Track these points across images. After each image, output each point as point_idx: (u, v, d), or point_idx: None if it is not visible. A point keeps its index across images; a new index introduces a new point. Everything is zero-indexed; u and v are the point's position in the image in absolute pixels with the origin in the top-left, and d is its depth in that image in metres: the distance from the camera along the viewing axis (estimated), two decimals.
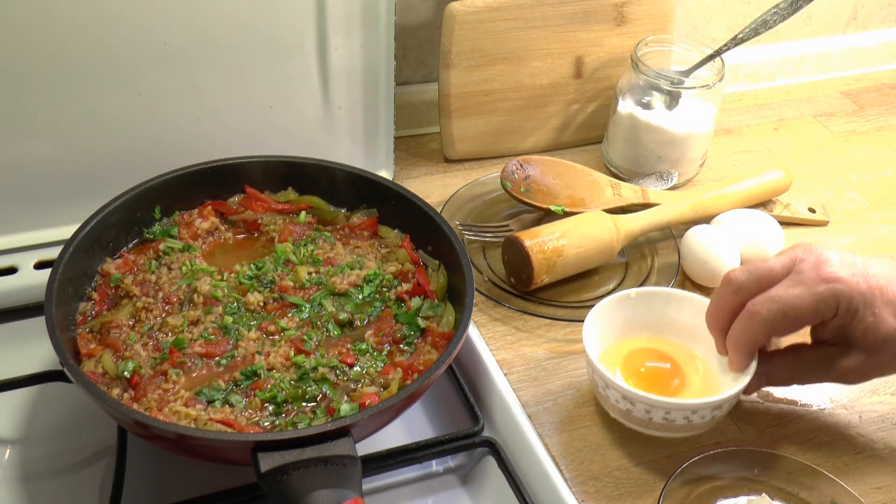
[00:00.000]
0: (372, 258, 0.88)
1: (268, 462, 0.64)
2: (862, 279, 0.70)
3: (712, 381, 0.80)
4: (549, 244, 0.92)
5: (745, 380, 0.76)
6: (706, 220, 1.02)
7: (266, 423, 0.71)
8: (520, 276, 0.93)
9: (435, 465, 0.81)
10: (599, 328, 0.82)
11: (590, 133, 1.19)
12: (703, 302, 0.81)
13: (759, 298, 0.72)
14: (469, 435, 0.79)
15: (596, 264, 0.96)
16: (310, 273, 0.84)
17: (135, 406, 0.71)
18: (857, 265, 0.71)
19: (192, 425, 0.69)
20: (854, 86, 1.40)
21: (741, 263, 0.96)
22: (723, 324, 0.75)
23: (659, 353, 0.83)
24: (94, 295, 0.81)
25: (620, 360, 0.82)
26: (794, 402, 0.86)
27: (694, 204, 1.02)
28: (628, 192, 1.04)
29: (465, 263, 0.82)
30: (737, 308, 0.74)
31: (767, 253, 0.98)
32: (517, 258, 0.93)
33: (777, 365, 0.77)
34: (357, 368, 0.77)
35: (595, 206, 1.01)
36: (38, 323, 0.72)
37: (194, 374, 0.75)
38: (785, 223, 1.05)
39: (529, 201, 1.00)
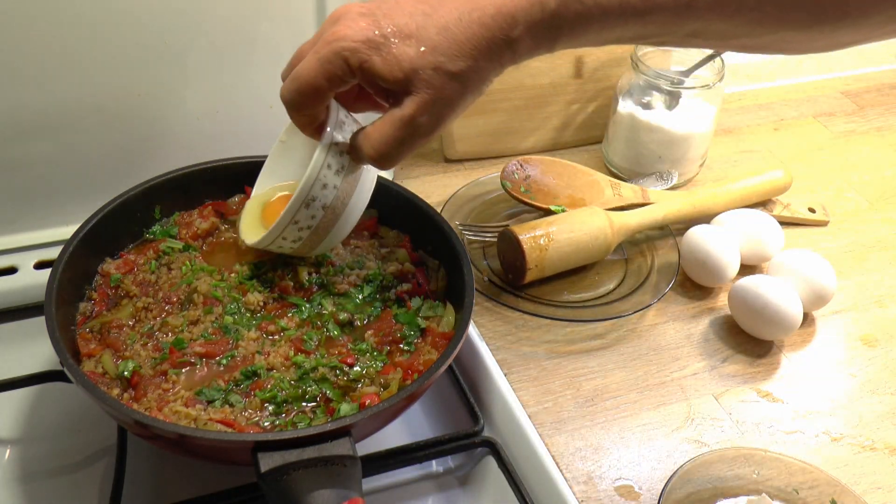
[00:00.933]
0: (372, 258, 0.88)
1: (268, 462, 0.64)
2: (372, 25, 0.64)
3: None
4: (540, 230, 0.92)
5: (309, 168, 0.72)
6: (705, 218, 1.02)
7: (266, 423, 0.71)
8: (514, 267, 0.93)
9: (435, 465, 0.81)
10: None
11: (590, 133, 1.19)
12: None
13: (286, 82, 0.70)
14: (469, 435, 0.79)
15: (591, 256, 0.95)
16: (310, 273, 0.84)
17: (135, 406, 0.71)
18: (374, 13, 0.65)
19: (192, 425, 0.69)
20: (854, 86, 1.40)
21: (741, 263, 0.97)
22: None
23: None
24: (94, 295, 0.81)
25: (259, 216, 0.84)
26: (794, 402, 0.87)
27: (693, 202, 1.02)
28: (628, 192, 1.04)
29: (465, 263, 0.82)
30: None
31: (767, 253, 0.99)
32: (510, 251, 0.93)
33: (361, 137, 0.71)
34: (357, 368, 0.77)
35: (595, 205, 1.01)
36: (38, 323, 0.72)
37: (194, 374, 0.75)
38: (785, 223, 1.05)
39: (529, 201, 1.00)
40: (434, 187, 1.09)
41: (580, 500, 0.75)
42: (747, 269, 0.99)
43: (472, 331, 0.89)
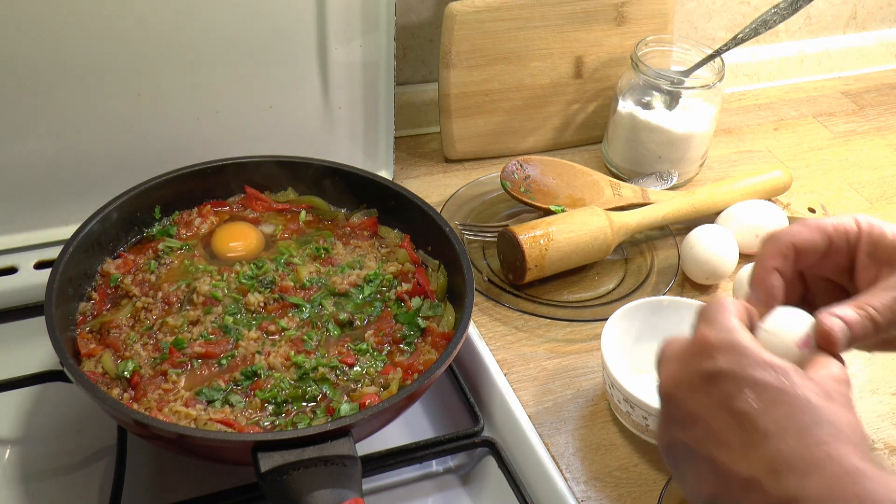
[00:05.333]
0: (372, 258, 0.88)
1: (268, 462, 0.64)
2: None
3: None
4: (540, 230, 0.92)
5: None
6: (705, 218, 1.02)
7: (266, 423, 0.71)
8: (514, 267, 0.93)
9: (435, 465, 0.81)
10: (620, 330, 0.82)
11: (590, 133, 1.19)
12: None
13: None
14: (469, 435, 0.79)
15: (591, 256, 0.95)
16: (310, 273, 0.84)
17: (135, 406, 0.71)
18: None
19: (192, 425, 0.69)
20: (854, 86, 1.40)
21: (749, 254, 0.97)
22: None
23: None
24: (94, 295, 0.81)
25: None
26: None
27: (693, 202, 1.02)
28: (628, 192, 1.04)
29: (465, 263, 0.82)
30: None
31: None
32: (510, 251, 0.93)
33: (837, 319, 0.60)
34: (357, 368, 0.77)
35: (595, 205, 1.01)
36: (38, 323, 0.72)
37: (194, 374, 0.75)
38: None
39: (529, 201, 1.00)
40: (434, 187, 1.09)
41: (580, 500, 0.75)
42: (751, 259, 0.99)
43: (472, 331, 0.89)
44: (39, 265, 0.92)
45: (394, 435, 0.81)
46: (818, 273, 0.65)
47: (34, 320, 0.83)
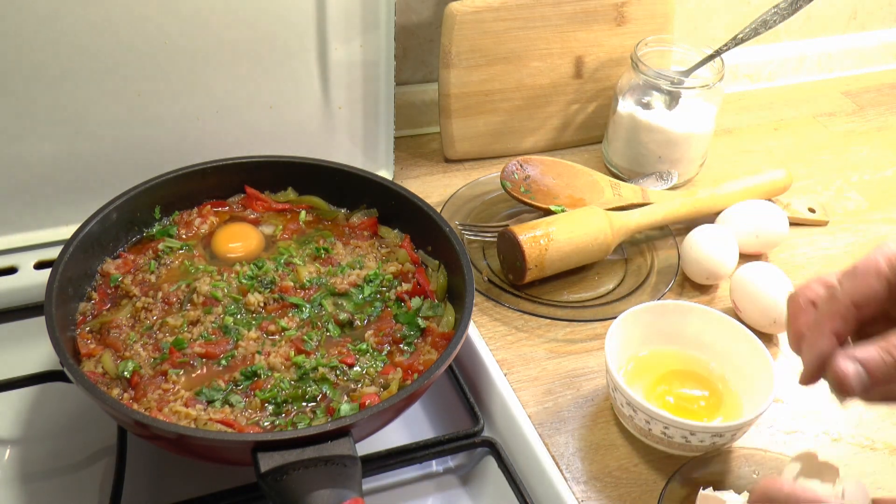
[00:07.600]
0: (372, 258, 0.88)
1: (268, 462, 0.64)
2: None
3: (733, 404, 0.80)
4: (540, 230, 0.92)
5: (757, 410, 0.75)
6: (704, 218, 1.02)
7: (266, 423, 0.71)
8: (514, 267, 0.93)
9: (435, 465, 0.81)
10: (623, 333, 0.82)
11: (590, 133, 1.19)
12: (725, 319, 0.83)
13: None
14: (469, 435, 0.79)
15: (591, 256, 0.95)
16: (310, 273, 0.84)
17: (135, 406, 0.71)
18: None
19: (192, 425, 0.69)
20: (854, 86, 1.40)
21: (746, 253, 0.97)
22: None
23: (697, 377, 0.83)
24: (94, 295, 0.81)
25: (656, 375, 0.82)
26: (793, 402, 0.87)
27: (693, 202, 1.02)
28: (628, 193, 1.04)
29: (465, 263, 0.82)
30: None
31: (774, 241, 0.99)
32: (510, 251, 0.93)
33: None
34: (357, 368, 0.77)
35: (595, 206, 1.01)
36: (38, 323, 0.72)
37: (194, 374, 0.75)
38: None
39: (529, 201, 1.00)
40: (434, 187, 1.09)
41: (580, 500, 0.75)
42: (750, 258, 0.99)
43: (472, 331, 0.89)
44: (39, 265, 0.92)
45: (394, 435, 0.81)
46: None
47: (34, 320, 0.83)
